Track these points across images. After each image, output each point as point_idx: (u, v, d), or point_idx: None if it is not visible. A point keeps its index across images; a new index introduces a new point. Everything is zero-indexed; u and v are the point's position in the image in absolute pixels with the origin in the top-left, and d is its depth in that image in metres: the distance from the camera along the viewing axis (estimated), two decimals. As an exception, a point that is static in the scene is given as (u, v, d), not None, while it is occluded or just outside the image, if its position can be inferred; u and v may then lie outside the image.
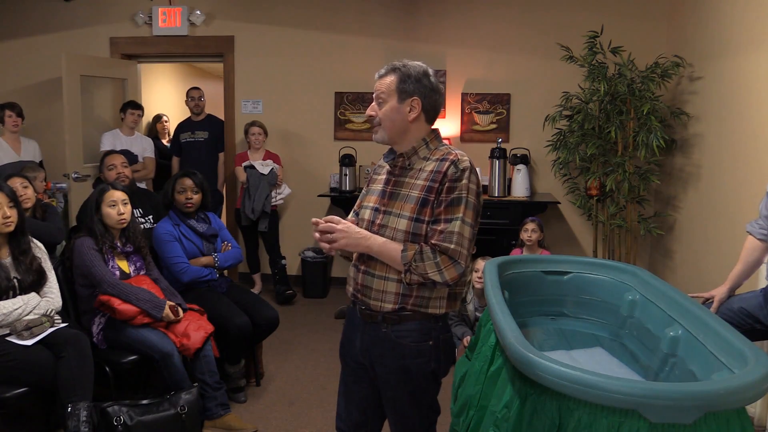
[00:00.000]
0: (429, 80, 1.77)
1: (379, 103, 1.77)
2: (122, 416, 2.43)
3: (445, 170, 1.71)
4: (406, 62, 1.78)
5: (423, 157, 1.78)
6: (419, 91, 1.75)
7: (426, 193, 1.71)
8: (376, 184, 1.87)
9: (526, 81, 4.99)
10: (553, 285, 2.59)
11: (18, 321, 2.55)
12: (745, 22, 3.40)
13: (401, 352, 1.77)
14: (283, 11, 5.20)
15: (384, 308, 1.76)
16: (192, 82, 6.63)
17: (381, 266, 1.75)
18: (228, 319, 3.07)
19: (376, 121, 1.78)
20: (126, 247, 2.99)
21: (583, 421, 1.44)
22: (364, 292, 1.79)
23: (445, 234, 1.68)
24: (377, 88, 1.78)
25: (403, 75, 1.75)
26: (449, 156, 1.74)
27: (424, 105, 1.76)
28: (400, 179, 1.79)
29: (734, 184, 3.48)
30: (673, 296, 2.12)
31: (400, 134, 1.77)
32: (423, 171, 1.75)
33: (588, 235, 4.94)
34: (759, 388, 1.41)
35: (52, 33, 5.39)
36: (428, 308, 1.76)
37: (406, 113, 1.75)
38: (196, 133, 5.20)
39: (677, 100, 4.41)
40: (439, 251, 1.67)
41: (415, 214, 1.71)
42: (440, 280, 1.68)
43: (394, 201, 1.76)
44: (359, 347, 1.85)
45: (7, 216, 2.61)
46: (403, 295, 1.74)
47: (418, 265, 1.67)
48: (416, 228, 1.71)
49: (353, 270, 1.85)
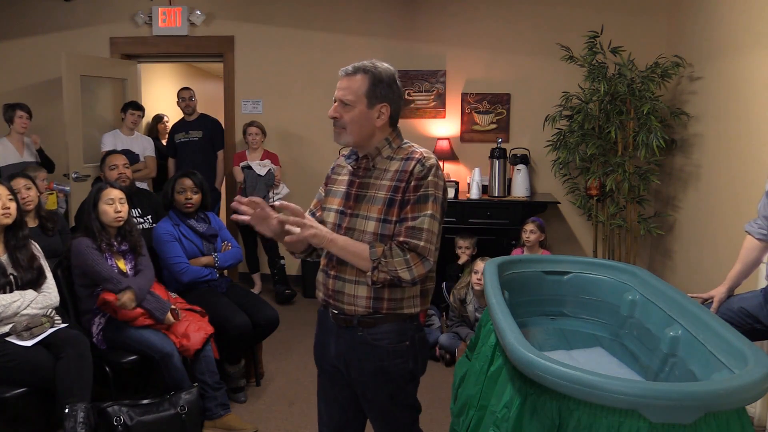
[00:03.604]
0: (397, 86, 1.75)
1: (345, 105, 1.70)
2: (122, 416, 2.43)
3: (411, 169, 1.68)
4: (375, 63, 1.73)
5: (387, 157, 1.75)
6: (389, 98, 1.72)
7: (392, 193, 1.69)
8: (338, 185, 1.83)
9: (526, 81, 4.99)
10: (553, 285, 2.59)
11: (18, 321, 2.55)
12: (745, 22, 3.40)
13: (379, 354, 1.75)
14: (283, 11, 5.20)
15: (358, 312, 1.73)
16: (192, 82, 6.63)
17: (352, 270, 1.72)
18: (228, 319, 3.07)
19: (340, 124, 1.71)
20: (122, 245, 2.98)
21: (583, 421, 1.44)
22: (336, 297, 1.76)
23: (414, 231, 1.66)
24: (343, 88, 1.70)
25: (375, 79, 1.70)
26: (414, 155, 1.72)
27: (391, 112, 1.73)
28: (364, 180, 1.75)
29: (734, 184, 3.48)
30: (673, 296, 2.12)
31: (365, 139, 1.73)
32: (387, 171, 1.73)
33: (588, 235, 4.94)
34: (759, 388, 1.41)
35: (52, 33, 5.39)
36: (403, 309, 1.74)
37: (374, 119, 1.71)
38: (190, 132, 5.19)
39: (677, 100, 4.41)
40: (408, 248, 1.65)
41: (382, 215, 1.69)
42: (408, 277, 1.66)
43: (360, 203, 1.73)
44: (334, 352, 1.82)
45: (7, 207, 2.60)
46: (375, 299, 1.71)
47: (387, 261, 1.64)
48: (384, 229, 1.69)
49: (322, 275, 1.81)
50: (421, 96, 5.12)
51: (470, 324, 3.76)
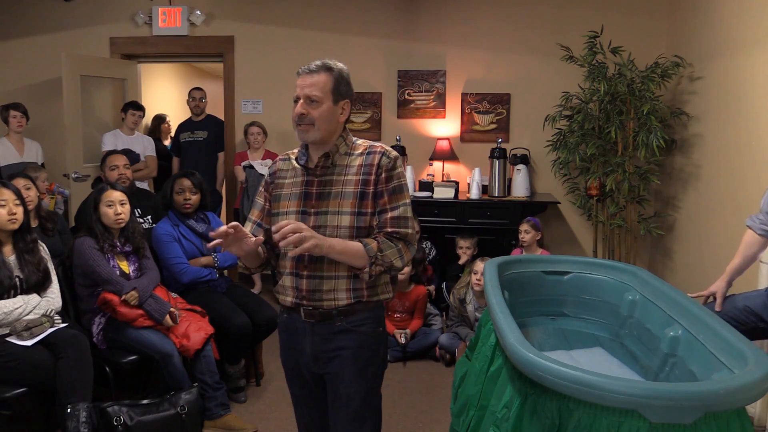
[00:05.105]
0: (351, 84, 1.82)
1: (311, 103, 1.73)
2: (122, 416, 2.43)
3: (377, 162, 1.76)
4: (335, 62, 1.79)
5: (344, 153, 1.80)
6: (349, 95, 1.81)
7: (362, 186, 1.75)
8: (287, 188, 1.83)
9: (526, 81, 4.99)
10: (553, 285, 2.60)
11: (18, 321, 2.55)
12: (745, 22, 3.40)
13: (359, 339, 1.79)
14: (283, 11, 5.20)
15: (339, 305, 1.76)
16: (192, 82, 6.63)
17: (329, 266, 1.74)
18: (228, 319, 3.07)
19: (308, 120, 1.74)
20: (125, 246, 2.99)
21: (583, 421, 1.44)
22: (312, 296, 1.77)
23: (399, 220, 1.74)
24: (308, 85, 1.73)
25: (338, 77, 1.76)
26: (375, 148, 1.80)
27: (350, 109, 1.82)
28: (325, 178, 1.78)
29: (734, 184, 3.48)
30: (673, 296, 2.12)
31: (330, 135, 1.78)
32: (350, 166, 1.78)
33: (588, 235, 4.94)
34: (759, 388, 1.41)
35: (52, 33, 5.39)
36: (379, 295, 1.81)
37: (338, 115, 1.78)
38: (196, 132, 5.21)
39: (677, 100, 4.41)
40: (398, 238, 1.74)
41: (356, 209, 1.74)
42: (401, 265, 1.75)
43: (326, 200, 1.75)
44: (310, 352, 1.81)
45: (13, 213, 2.62)
46: (355, 290, 1.76)
47: (384, 254, 1.70)
48: (360, 221, 1.74)
49: (292, 279, 1.80)
50: (421, 96, 5.11)
51: (470, 324, 3.76)
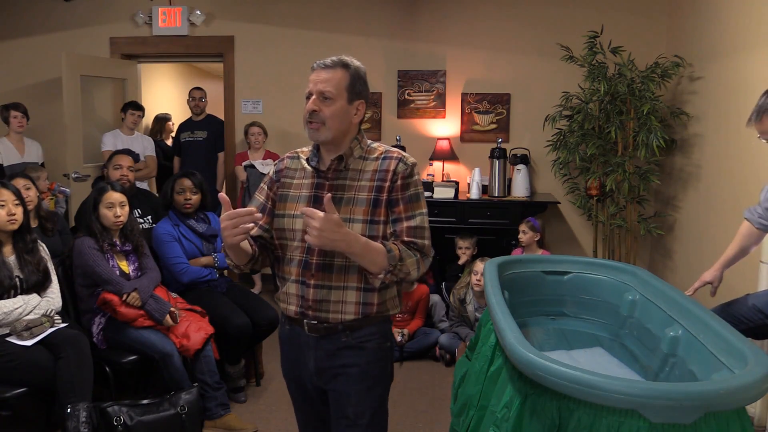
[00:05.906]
0: (368, 84, 1.71)
1: (324, 100, 1.63)
2: (122, 416, 2.43)
3: (393, 168, 1.64)
4: (352, 59, 1.68)
5: (359, 157, 1.69)
6: (365, 95, 1.69)
7: (376, 193, 1.64)
8: (295, 189, 1.72)
9: (526, 81, 4.99)
10: (553, 285, 2.60)
11: (18, 321, 2.55)
12: (745, 22, 3.40)
13: (365, 356, 1.69)
14: (284, 11, 5.20)
15: (345, 319, 1.65)
16: (192, 82, 6.63)
17: (338, 276, 1.63)
18: (228, 319, 3.07)
19: (319, 119, 1.63)
20: (125, 246, 2.99)
21: (583, 421, 1.44)
22: (318, 307, 1.65)
23: (417, 230, 1.64)
24: (322, 81, 1.63)
25: (355, 74, 1.65)
26: (391, 154, 1.68)
27: (365, 110, 1.70)
28: (337, 182, 1.67)
29: (734, 184, 3.47)
30: (673, 296, 2.12)
31: (343, 135, 1.67)
32: (364, 171, 1.66)
33: (588, 235, 4.94)
34: (759, 388, 1.41)
35: (52, 33, 5.39)
36: (388, 311, 1.71)
37: (352, 116, 1.67)
38: (196, 132, 5.21)
39: (677, 100, 4.41)
40: (416, 248, 1.63)
41: (369, 216, 1.63)
42: (416, 275, 1.65)
43: (337, 206, 1.59)
44: (313, 367, 1.71)
45: (12, 213, 2.62)
46: (365, 304, 1.65)
47: (405, 264, 1.60)
48: (372, 230, 1.62)
49: (298, 287, 1.68)
50: (421, 96, 5.11)
51: (470, 324, 3.76)
